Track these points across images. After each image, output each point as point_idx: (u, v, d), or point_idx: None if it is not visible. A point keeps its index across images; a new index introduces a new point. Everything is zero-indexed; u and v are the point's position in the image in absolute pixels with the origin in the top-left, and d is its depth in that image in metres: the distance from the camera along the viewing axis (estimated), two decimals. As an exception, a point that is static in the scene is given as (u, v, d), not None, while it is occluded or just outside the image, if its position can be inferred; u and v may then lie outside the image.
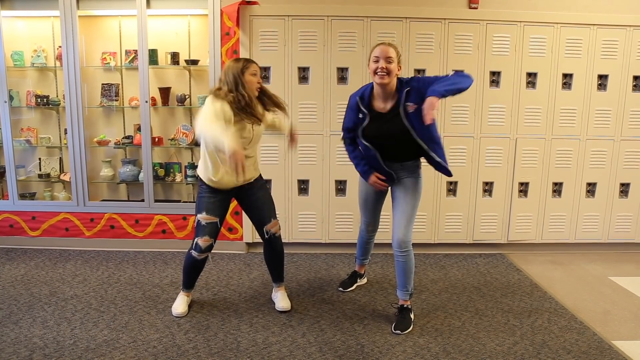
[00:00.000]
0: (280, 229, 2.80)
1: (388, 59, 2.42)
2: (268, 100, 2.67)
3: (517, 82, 3.71)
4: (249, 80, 2.51)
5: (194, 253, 2.69)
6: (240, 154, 2.16)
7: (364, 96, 2.57)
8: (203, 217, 2.64)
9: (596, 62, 3.72)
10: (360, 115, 2.57)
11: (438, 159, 2.54)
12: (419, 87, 2.43)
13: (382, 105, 2.55)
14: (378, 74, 2.44)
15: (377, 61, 2.44)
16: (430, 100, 2.20)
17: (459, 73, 2.46)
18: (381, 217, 3.00)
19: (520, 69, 3.70)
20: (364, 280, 3.29)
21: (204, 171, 2.62)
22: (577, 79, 3.74)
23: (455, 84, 2.31)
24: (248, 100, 2.49)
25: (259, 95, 2.63)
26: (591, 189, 3.92)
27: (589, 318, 2.85)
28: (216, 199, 2.66)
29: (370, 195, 2.87)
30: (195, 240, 2.67)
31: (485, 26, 3.63)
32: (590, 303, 3.07)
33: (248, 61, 2.56)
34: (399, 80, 2.53)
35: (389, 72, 2.43)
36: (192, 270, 2.79)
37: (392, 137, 2.55)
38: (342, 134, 2.75)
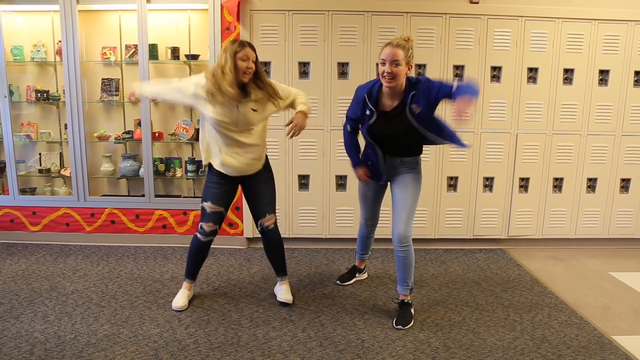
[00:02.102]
0: (274, 224, 2.79)
1: (395, 62, 2.38)
2: (262, 87, 2.55)
3: (518, 77, 3.70)
4: (238, 66, 2.41)
5: (199, 235, 2.75)
6: (134, 94, 2.65)
7: (372, 93, 2.54)
8: (208, 206, 2.70)
9: (597, 58, 3.71)
10: (367, 112, 2.55)
11: (455, 145, 2.58)
12: (424, 90, 2.45)
13: (389, 102, 2.55)
14: (385, 77, 2.42)
15: (384, 64, 2.41)
16: (465, 100, 2.19)
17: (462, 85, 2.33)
18: (381, 212, 3.00)
19: (522, 64, 3.68)
20: (365, 276, 3.29)
21: (205, 153, 2.69)
22: (579, 74, 3.73)
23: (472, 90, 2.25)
24: (232, 80, 2.40)
25: (254, 79, 2.52)
26: (592, 184, 3.91)
27: (589, 313, 2.85)
28: (222, 189, 2.69)
29: (369, 190, 2.87)
30: (200, 224, 2.73)
31: (486, 21, 3.62)
32: (590, 298, 3.07)
33: (242, 45, 2.44)
34: (408, 79, 2.50)
35: (395, 76, 2.40)
36: (197, 255, 2.81)
37: (396, 134, 2.56)
38: (344, 120, 2.74)
